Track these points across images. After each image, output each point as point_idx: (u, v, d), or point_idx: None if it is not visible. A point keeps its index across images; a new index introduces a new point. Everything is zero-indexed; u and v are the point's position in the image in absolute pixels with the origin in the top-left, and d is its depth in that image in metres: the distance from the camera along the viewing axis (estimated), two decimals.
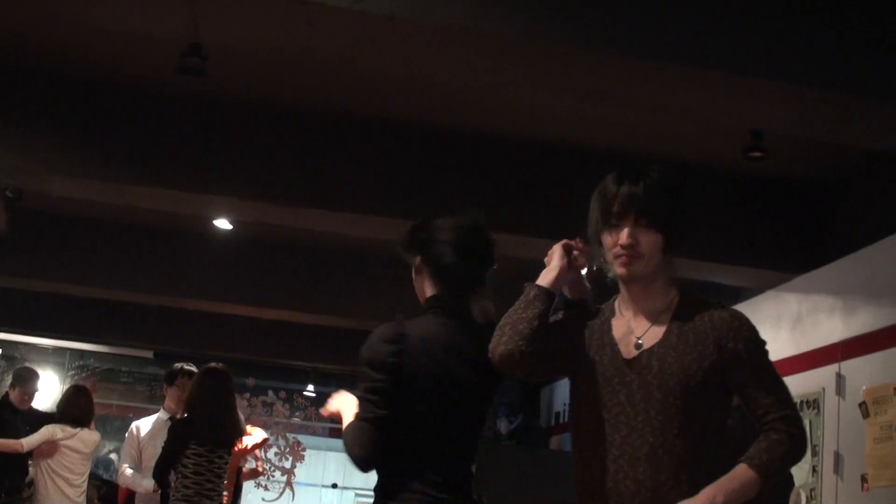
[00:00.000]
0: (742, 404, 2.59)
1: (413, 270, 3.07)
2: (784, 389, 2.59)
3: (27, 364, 11.75)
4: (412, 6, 4.54)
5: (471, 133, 7.22)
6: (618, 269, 2.57)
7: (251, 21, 4.79)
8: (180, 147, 7.09)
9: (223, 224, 8.86)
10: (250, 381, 14.69)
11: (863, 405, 6.42)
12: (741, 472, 2.43)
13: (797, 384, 7.19)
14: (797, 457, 2.51)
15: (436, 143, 7.25)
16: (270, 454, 15.43)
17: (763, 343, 2.60)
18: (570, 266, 2.71)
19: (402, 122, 7.17)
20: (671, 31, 4.77)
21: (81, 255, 9.98)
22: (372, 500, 2.91)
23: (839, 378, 6.72)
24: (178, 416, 6.64)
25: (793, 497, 6.34)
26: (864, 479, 6.33)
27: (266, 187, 7.16)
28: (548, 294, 2.64)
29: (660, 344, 2.53)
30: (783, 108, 5.25)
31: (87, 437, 7.79)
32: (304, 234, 9.28)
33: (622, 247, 2.52)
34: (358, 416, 2.85)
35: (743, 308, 8.09)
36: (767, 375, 2.56)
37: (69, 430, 7.69)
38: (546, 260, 2.72)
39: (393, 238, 7.27)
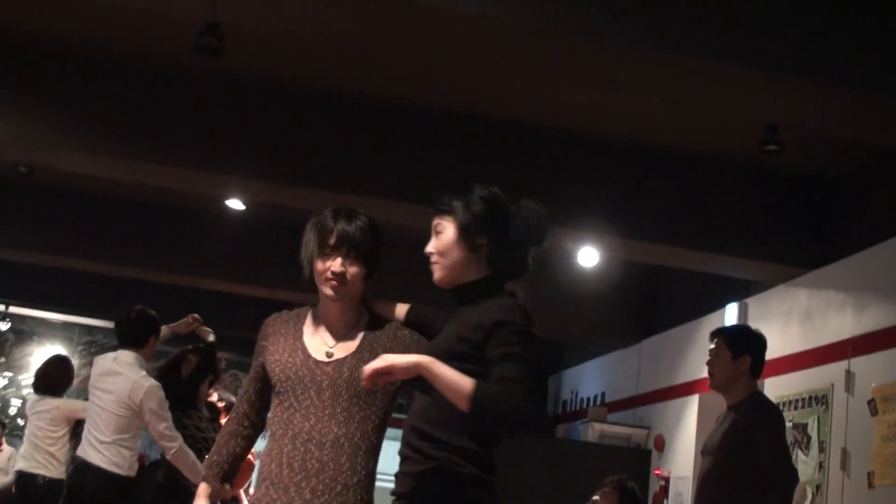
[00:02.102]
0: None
1: (463, 245, 3.12)
2: None
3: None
4: None
5: (486, 120, 7.20)
6: (327, 291, 3.11)
7: (269, 1, 4.78)
8: (194, 126, 7.09)
9: (236, 204, 8.87)
10: None
11: (871, 402, 6.41)
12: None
13: (806, 380, 7.18)
14: None
15: (451, 129, 7.23)
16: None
17: None
18: None
19: (418, 107, 7.15)
20: (689, 23, 4.75)
21: (93, 231, 10.00)
22: (463, 469, 2.93)
23: (848, 375, 6.70)
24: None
25: (798, 492, 6.33)
26: (870, 476, 6.32)
27: (280, 168, 7.16)
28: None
29: (353, 355, 3.07)
30: (799, 103, 5.24)
31: (56, 404, 7.50)
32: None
33: (333, 273, 3.09)
34: (515, 377, 2.87)
35: (753, 302, 8.15)
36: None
37: (33, 397, 7.65)
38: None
39: (404, 222, 7.23)
